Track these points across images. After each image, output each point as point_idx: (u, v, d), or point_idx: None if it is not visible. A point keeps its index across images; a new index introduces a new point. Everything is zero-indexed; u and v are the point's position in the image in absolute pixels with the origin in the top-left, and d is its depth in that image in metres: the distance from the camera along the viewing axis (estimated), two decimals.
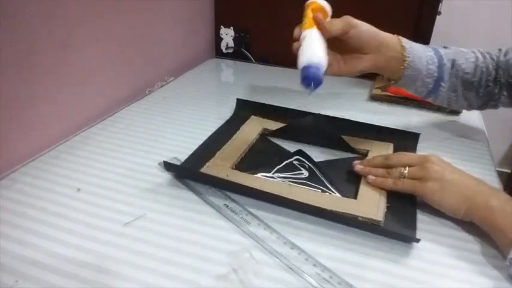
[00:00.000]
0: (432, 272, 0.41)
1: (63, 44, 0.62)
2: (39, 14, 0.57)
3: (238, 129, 0.66)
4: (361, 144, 0.62)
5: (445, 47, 0.62)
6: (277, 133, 0.66)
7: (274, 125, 0.67)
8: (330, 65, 0.52)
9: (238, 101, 0.74)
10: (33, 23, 0.56)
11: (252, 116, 0.70)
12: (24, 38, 0.55)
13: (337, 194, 0.52)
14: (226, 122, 0.69)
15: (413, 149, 0.63)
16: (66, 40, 0.63)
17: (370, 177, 0.52)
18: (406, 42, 0.58)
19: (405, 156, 0.52)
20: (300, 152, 0.60)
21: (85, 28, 0.66)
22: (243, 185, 0.50)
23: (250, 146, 0.62)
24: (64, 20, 0.61)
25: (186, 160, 0.57)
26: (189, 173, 0.55)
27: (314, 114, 0.67)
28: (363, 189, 0.52)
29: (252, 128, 0.67)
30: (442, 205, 0.47)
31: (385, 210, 0.48)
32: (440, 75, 0.59)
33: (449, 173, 0.47)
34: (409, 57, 0.57)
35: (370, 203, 0.49)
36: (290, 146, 0.63)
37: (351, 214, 0.47)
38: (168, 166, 0.55)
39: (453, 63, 0.60)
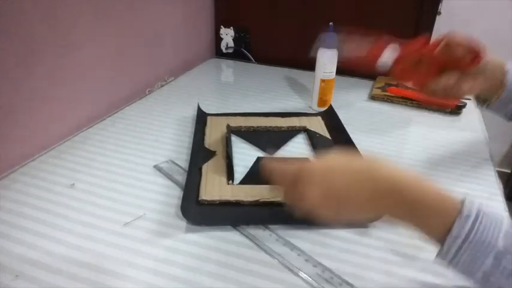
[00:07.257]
0: (432, 272, 0.41)
1: (63, 44, 0.62)
2: (39, 14, 0.57)
3: (205, 133, 0.65)
4: (297, 122, 0.70)
5: None
6: (242, 132, 0.67)
7: (234, 121, 0.68)
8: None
9: (199, 107, 0.73)
10: (34, 23, 0.56)
11: (208, 117, 0.70)
12: (24, 38, 0.55)
13: None
14: (195, 129, 0.66)
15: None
16: (66, 40, 0.63)
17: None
18: (509, 67, 0.58)
19: (283, 177, 0.40)
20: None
21: (85, 28, 0.66)
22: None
23: (225, 148, 0.60)
24: (64, 20, 0.61)
25: (184, 195, 0.50)
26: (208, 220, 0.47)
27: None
28: None
29: (217, 130, 0.66)
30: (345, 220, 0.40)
31: None
32: None
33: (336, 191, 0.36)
34: (507, 80, 0.57)
35: None
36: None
37: None
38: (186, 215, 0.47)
39: None
